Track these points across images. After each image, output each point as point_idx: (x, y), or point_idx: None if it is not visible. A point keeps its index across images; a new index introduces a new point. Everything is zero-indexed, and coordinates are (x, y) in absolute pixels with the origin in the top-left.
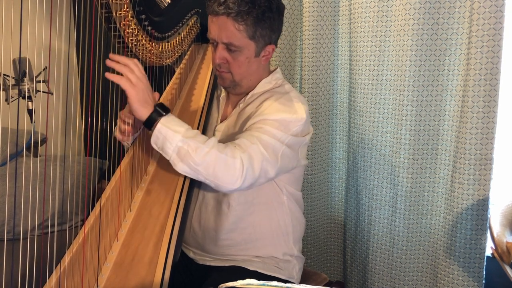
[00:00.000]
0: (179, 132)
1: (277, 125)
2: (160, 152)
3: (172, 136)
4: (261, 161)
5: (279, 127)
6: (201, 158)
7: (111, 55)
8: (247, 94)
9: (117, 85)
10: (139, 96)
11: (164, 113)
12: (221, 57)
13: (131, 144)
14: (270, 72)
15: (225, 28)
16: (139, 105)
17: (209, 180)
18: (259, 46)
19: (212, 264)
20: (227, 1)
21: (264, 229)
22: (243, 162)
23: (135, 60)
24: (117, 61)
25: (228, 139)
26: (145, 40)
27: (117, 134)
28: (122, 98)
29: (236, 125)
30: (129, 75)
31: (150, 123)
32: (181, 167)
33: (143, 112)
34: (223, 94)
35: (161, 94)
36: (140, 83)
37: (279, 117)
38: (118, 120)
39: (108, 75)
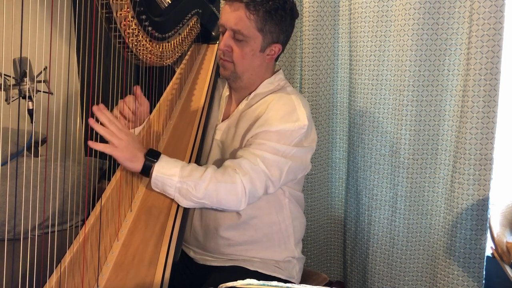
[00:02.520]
0: (175, 175)
1: (278, 137)
2: (163, 193)
3: (169, 180)
4: (264, 181)
5: (281, 139)
6: (202, 193)
7: (94, 109)
8: (250, 94)
9: (118, 85)
10: (125, 154)
11: (155, 160)
12: (226, 44)
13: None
14: (273, 73)
15: (236, 14)
16: (129, 162)
17: (215, 207)
18: (265, 41)
19: (213, 264)
20: None
21: (265, 232)
22: (244, 185)
23: (110, 118)
24: (99, 115)
25: (228, 138)
26: (146, 41)
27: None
28: (123, 97)
29: (237, 125)
30: (110, 138)
31: (146, 173)
32: (186, 203)
33: (135, 167)
34: (227, 93)
35: (161, 94)
36: (122, 142)
37: (281, 127)
38: (116, 110)
39: (92, 144)
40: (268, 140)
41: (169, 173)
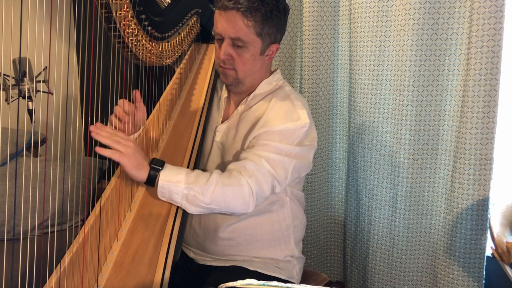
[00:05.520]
0: (181, 181)
1: (280, 137)
2: (170, 202)
3: (176, 188)
4: (270, 181)
5: (283, 139)
6: (209, 198)
7: (91, 128)
8: (249, 95)
9: (117, 85)
10: (131, 162)
11: (160, 168)
12: (226, 52)
13: None
14: (271, 73)
15: (234, 22)
16: (136, 170)
17: (223, 211)
18: (265, 44)
19: (212, 264)
20: None
21: (265, 231)
22: (251, 187)
23: (111, 131)
24: (98, 132)
25: (229, 139)
26: (145, 40)
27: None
28: (123, 97)
29: (238, 127)
30: (116, 146)
31: (151, 182)
32: (194, 210)
33: (141, 175)
34: (225, 95)
35: (161, 94)
36: (129, 149)
37: (282, 127)
38: (112, 116)
39: (99, 150)
40: (270, 141)
41: (175, 180)
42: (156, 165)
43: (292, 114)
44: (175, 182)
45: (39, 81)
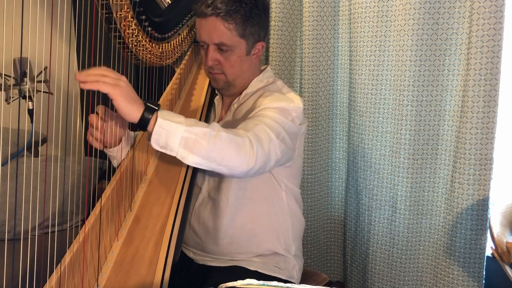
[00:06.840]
0: (181, 123)
1: (277, 111)
2: (164, 150)
3: (176, 128)
4: (269, 140)
5: (279, 113)
6: (211, 143)
7: (77, 75)
8: (240, 94)
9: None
10: (123, 93)
11: (156, 108)
12: (213, 58)
13: (127, 153)
14: (261, 71)
15: (215, 28)
16: (128, 103)
17: (223, 165)
18: (249, 44)
19: (212, 264)
20: (215, 2)
21: (263, 224)
22: (251, 140)
23: (104, 68)
24: (85, 75)
25: None
26: (145, 41)
27: (89, 138)
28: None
29: (233, 123)
30: (104, 78)
31: (145, 122)
32: (191, 159)
33: (134, 111)
34: (217, 97)
35: (161, 95)
36: (120, 82)
37: (278, 105)
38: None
39: (84, 85)
40: (267, 111)
41: (175, 120)
42: (152, 105)
43: (286, 98)
44: (176, 123)
45: (39, 81)
